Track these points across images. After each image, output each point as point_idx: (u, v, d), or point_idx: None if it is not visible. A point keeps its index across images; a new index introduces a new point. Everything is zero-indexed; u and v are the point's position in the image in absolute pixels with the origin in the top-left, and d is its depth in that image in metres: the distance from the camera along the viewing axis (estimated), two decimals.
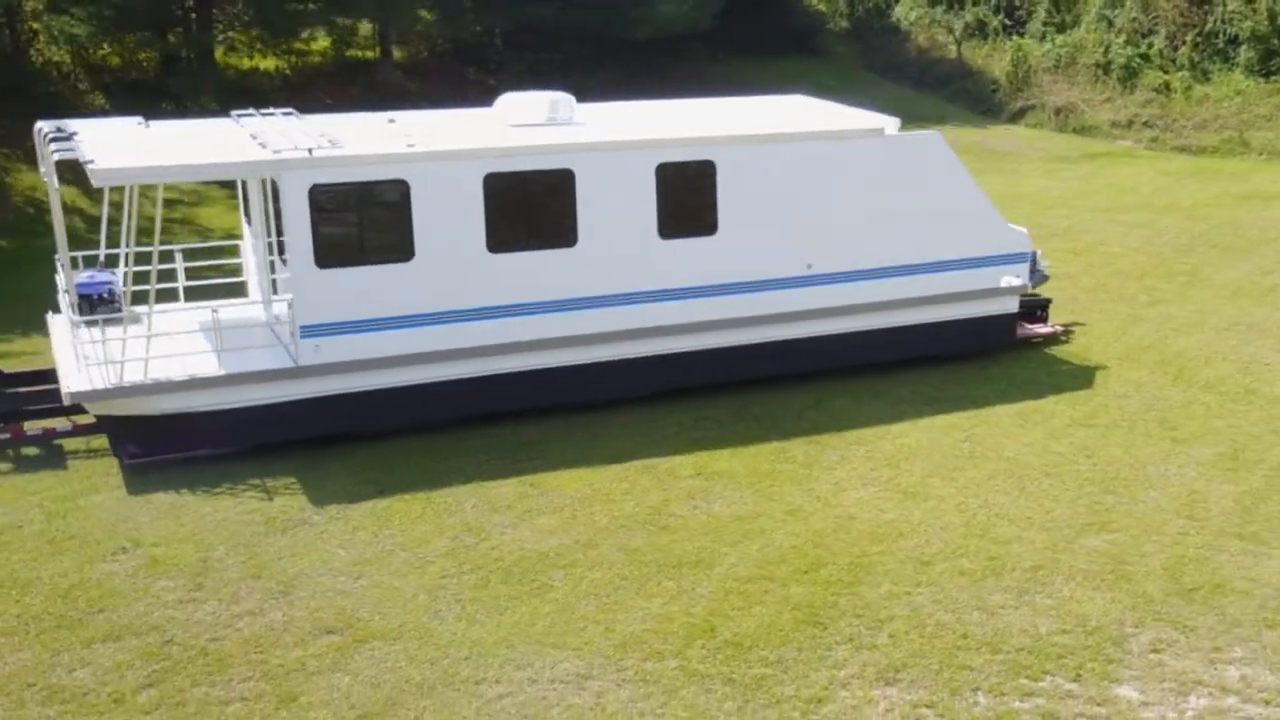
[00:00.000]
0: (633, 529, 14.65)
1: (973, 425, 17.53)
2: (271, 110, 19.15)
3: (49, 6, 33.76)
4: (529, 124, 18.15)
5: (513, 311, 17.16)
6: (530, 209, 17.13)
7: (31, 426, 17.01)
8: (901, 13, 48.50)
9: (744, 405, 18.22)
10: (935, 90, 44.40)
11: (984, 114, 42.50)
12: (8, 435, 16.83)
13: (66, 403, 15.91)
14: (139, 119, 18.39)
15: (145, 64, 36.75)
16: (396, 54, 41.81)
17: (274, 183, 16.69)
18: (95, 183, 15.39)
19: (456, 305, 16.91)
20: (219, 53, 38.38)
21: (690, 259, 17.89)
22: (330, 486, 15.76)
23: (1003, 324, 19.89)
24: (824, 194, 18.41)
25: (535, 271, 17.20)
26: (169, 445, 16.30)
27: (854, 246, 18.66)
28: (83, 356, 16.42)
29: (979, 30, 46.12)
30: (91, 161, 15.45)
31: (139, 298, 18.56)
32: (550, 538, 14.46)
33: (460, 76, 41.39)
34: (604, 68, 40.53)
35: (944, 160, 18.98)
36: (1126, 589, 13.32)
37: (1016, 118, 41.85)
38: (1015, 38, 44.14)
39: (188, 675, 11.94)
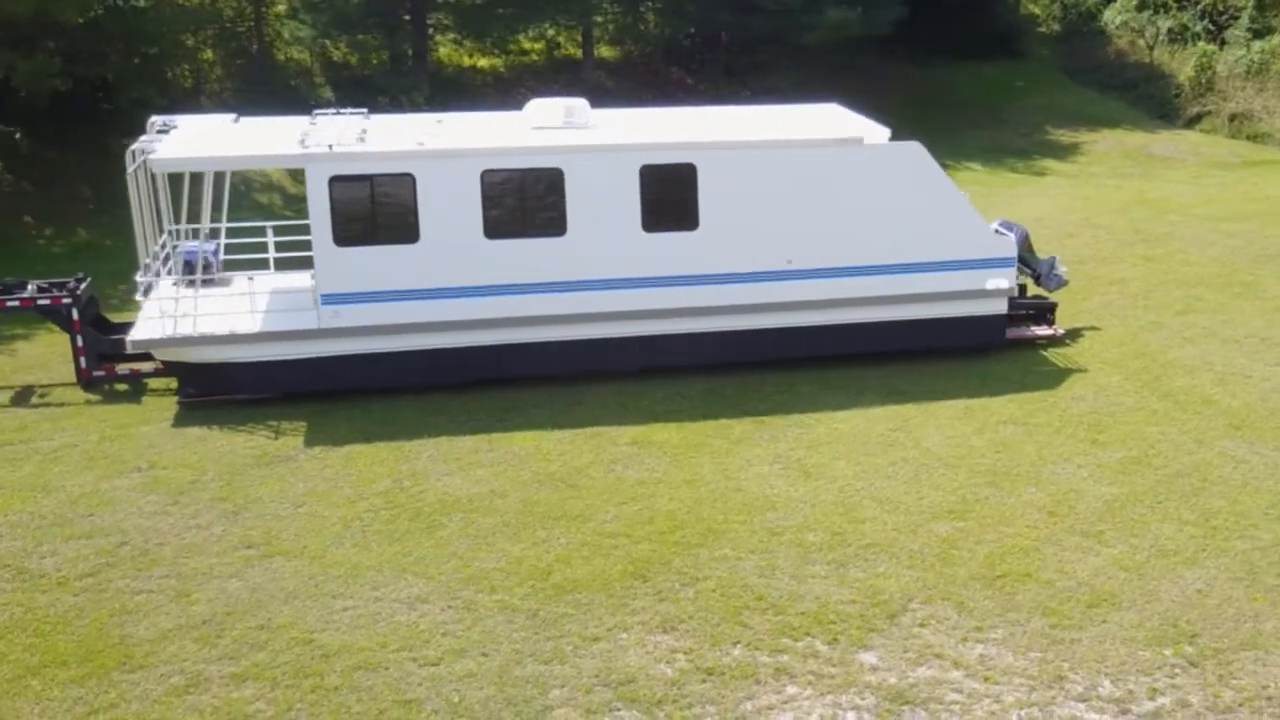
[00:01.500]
0: (544, 485, 16.15)
1: (913, 416, 18.18)
2: (344, 110, 21.34)
3: (287, 12, 37.27)
4: (547, 126, 19.74)
5: (506, 290, 18.85)
6: (524, 201, 18.78)
7: (122, 367, 19.75)
8: (1110, 16, 47.32)
9: (720, 386, 19.34)
10: (1121, 93, 43.32)
11: (1161, 118, 41.31)
12: (103, 373, 19.62)
13: (128, 350, 18.60)
14: (233, 116, 20.90)
15: (375, 62, 39.78)
16: (607, 53, 43.75)
17: None
18: (152, 170, 17.95)
19: (456, 283, 18.73)
20: (444, 51, 41.19)
21: (672, 251, 19.15)
22: (327, 431, 17.84)
23: (990, 324, 20.30)
24: (802, 196, 19.32)
25: (528, 256, 18.83)
26: (216, 388, 18.75)
27: (834, 245, 19.49)
28: (154, 312, 19.03)
29: (1180, 35, 44.62)
30: (152, 152, 17.98)
31: (233, 265, 21.22)
32: (474, 487, 16.12)
33: (663, 76, 42.99)
34: (797, 69, 41.39)
35: (924, 168, 19.55)
36: (937, 570, 14.04)
37: (1192, 123, 40.54)
38: (1200, 43, 42.57)
39: (121, 569, 14.22)
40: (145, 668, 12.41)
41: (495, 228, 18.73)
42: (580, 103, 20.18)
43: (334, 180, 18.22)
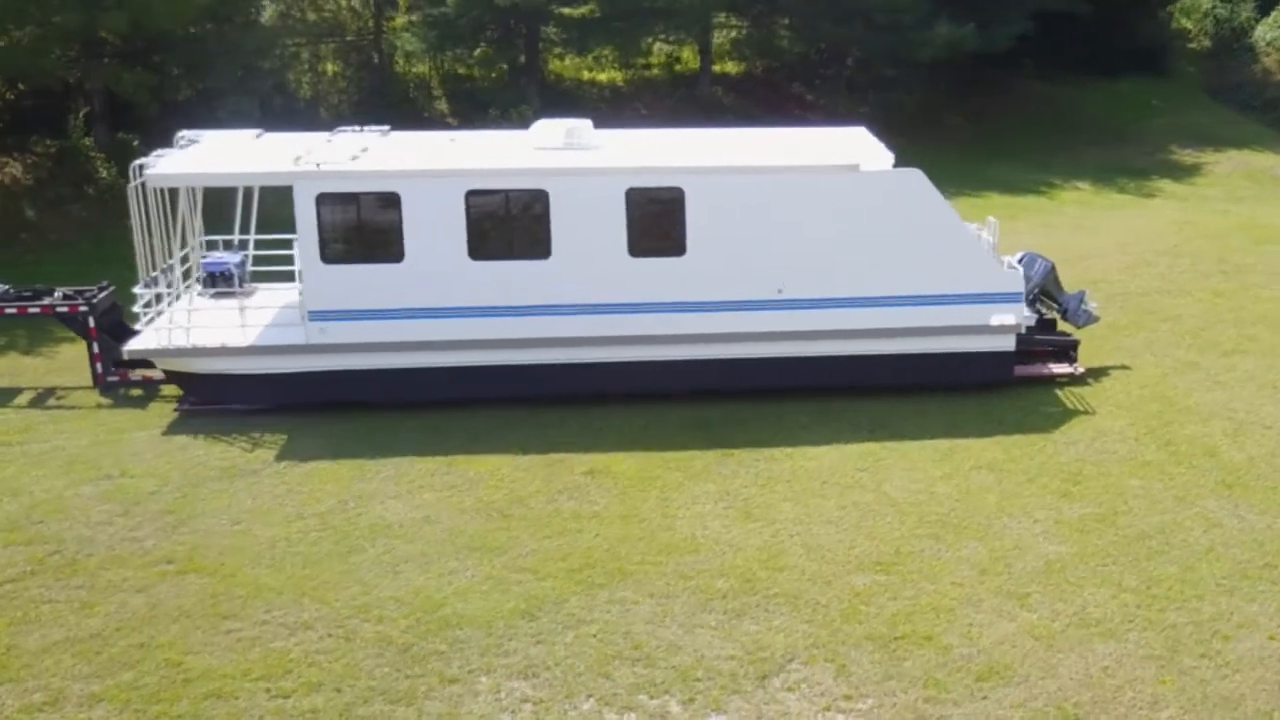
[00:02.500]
0: (480, 513, 15.66)
1: (887, 455, 17.08)
2: (363, 128, 21.21)
3: (403, 25, 37.61)
4: (548, 148, 19.23)
5: (490, 312, 18.42)
6: (509, 223, 18.32)
7: (136, 374, 20.02)
8: (1260, 33, 44.29)
9: (705, 414, 18.51)
10: (1260, 114, 40.47)
11: None
12: (117, 378, 19.94)
13: (124, 358, 18.83)
14: (258, 131, 20.98)
15: (495, 75, 39.78)
16: (731, 68, 42.90)
17: None
18: (148, 185, 18.12)
19: (440, 303, 18.39)
20: (563, 64, 41.02)
21: (659, 277, 18.43)
22: (301, 445, 17.69)
23: (995, 361, 18.97)
24: (794, 224, 18.37)
25: (512, 279, 18.37)
26: (211, 398, 18.83)
27: (827, 275, 18.49)
28: (158, 322, 19.22)
29: None
30: (149, 167, 18.15)
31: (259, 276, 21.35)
32: (411, 512, 15.73)
33: (782, 92, 41.91)
34: (919, 85, 39.85)
35: (924, 197, 18.37)
36: (835, 626, 13.08)
37: None
38: None
39: (42, 578, 14.30)
40: (14, 681, 12.40)
41: (479, 249, 18.32)
42: (583, 124, 19.60)
43: (321, 198, 18.09)
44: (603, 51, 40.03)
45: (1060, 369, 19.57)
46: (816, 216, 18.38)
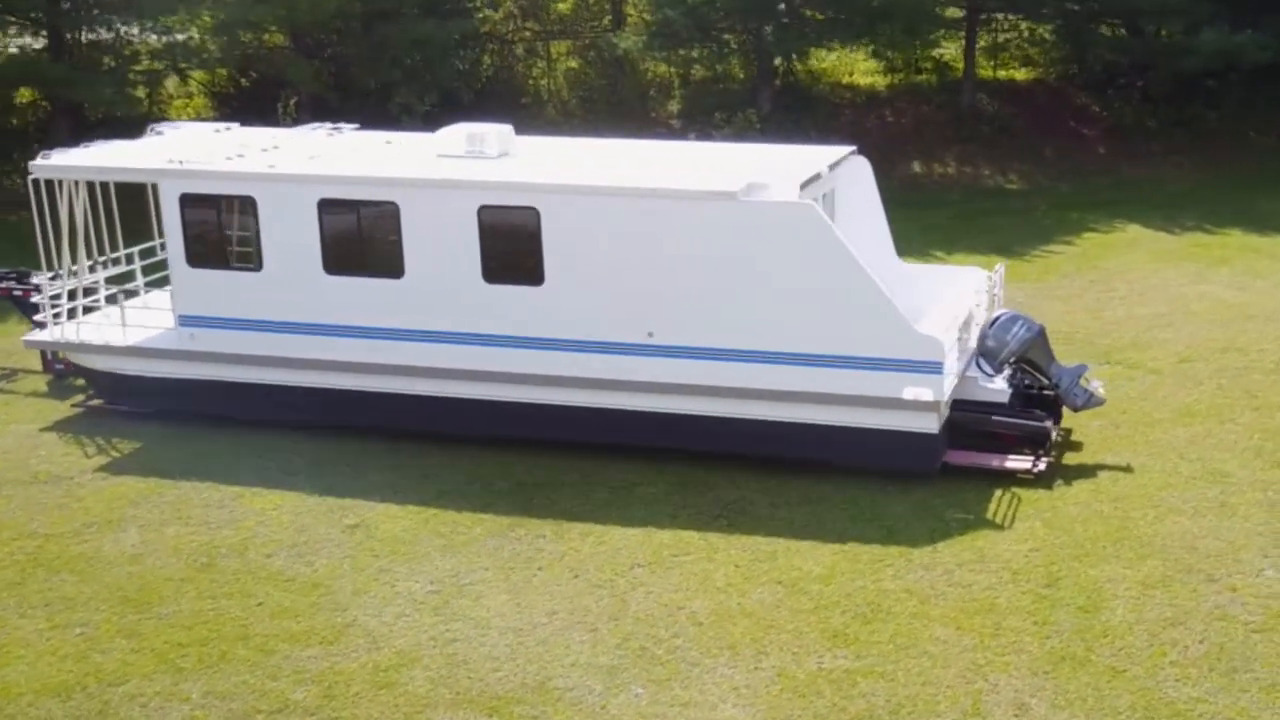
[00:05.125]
0: (183, 559, 13.70)
1: (693, 551, 13.47)
2: (338, 126, 19.55)
3: (635, 24, 35.56)
4: (450, 155, 16.80)
5: (344, 332, 16.35)
6: (364, 237, 16.16)
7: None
8: None
9: (535, 470, 15.49)
10: None
11: None
12: (62, 366, 19.15)
13: (24, 347, 18.25)
14: (224, 126, 19.82)
15: (742, 76, 36.95)
16: (1018, 74, 37.75)
17: None
18: (31, 176, 17.40)
19: (295, 318, 16.52)
20: (822, 65, 37.64)
21: (515, 308, 15.64)
22: (140, 458, 16.33)
23: (911, 445, 14.66)
24: (665, 257, 14.99)
25: (365, 298, 16.20)
26: (106, 397, 17.93)
27: (703, 320, 14.98)
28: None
29: None
30: (40, 161, 17.43)
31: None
32: (134, 549, 13.92)
33: (1065, 101, 36.37)
34: (1226, 96, 33.44)
35: (817, 236, 14.41)
36: None
37: None
38: None
39: None
40: None
41: (334, 263, 16.26)
42: (497, 129, 16.94)
43: (184, 198, 16.66)
44: (852, 51, 36.27)
45: (1017, 464, 14.89)
46: (691, 250, 14.91)
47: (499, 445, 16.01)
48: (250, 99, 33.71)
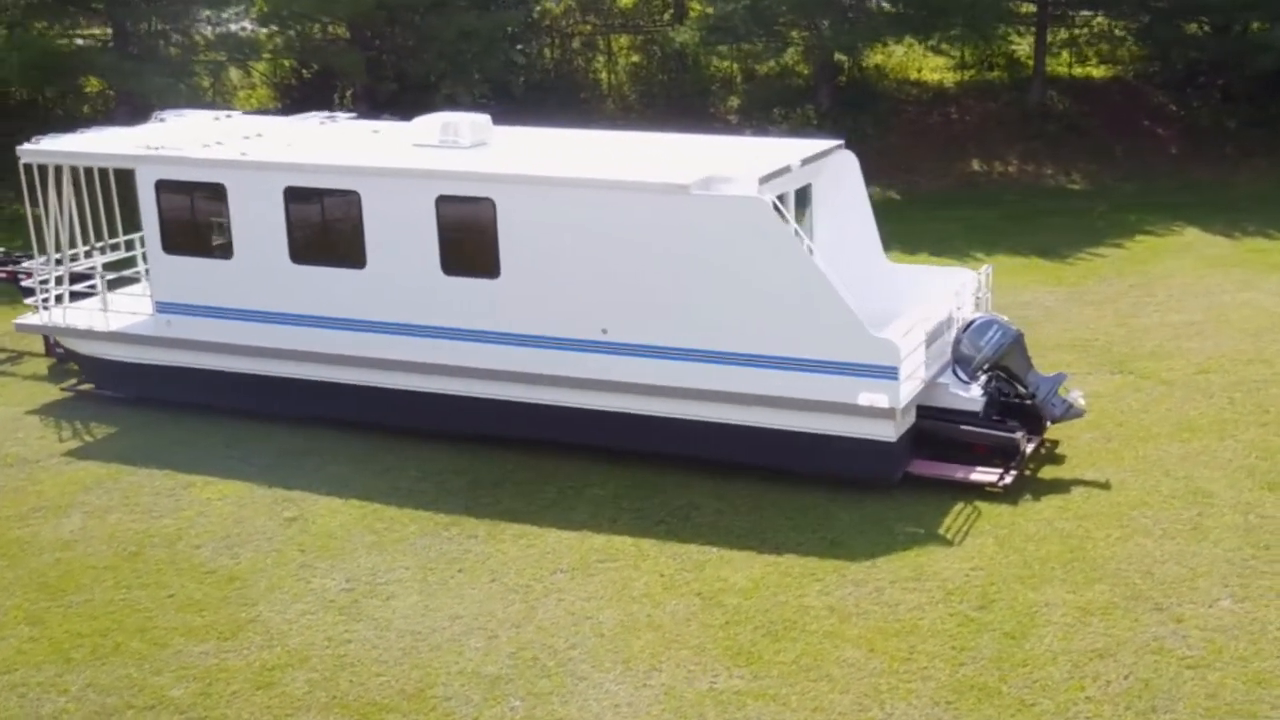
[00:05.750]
0: (115, 547, 13.51)
1: (622, 557, 12.87)
2: (333, 115, 19.34)
3: (697, 18, 34.89)
4: (424, 145, 16.41)
5: (309, 321, 16.08)
6: (326, 226, 15.86)
7: None
8: None
9: (491, 466, 15.00)
10: None
11: None
12: (62, 350, 19.29)
13: (15, 329, 18.33)
14: (225, 114, 19.70)
15: (805, 71, 36.07)
16: (1096, 72, 36.20)
17: None
18: (20, 161, 17.43)
19: (263, 307, 16.30)
20: (890, 60, 36.56)
21: (472, 301, 15.18)
22: (108, 444, 16.25)
23: (868, 452, 13.84)
24: (618, 252, 14.40)
25: (328, 288, 15.90)
26: (93, 382, 17.94)
27: (656, 318, 14.35)
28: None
29: None
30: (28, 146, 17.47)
31: None
32: (72, 535, 13.80)
33: (1141, 100, 34.78)
34: None
35: (770, 232, 13.67)
36: None
37: None
38: None
39: None
40: None
41: (300, 252, 15.99)
42: (472, 119, 16.50)
43: (159, 185, 16.54)
44: (916, 46, 35.15)
45: (982, 476, 13.98)
46: (644, 245, 14.29)
47: (463, 441, 15.58)
48: (311, 90, 33.81)
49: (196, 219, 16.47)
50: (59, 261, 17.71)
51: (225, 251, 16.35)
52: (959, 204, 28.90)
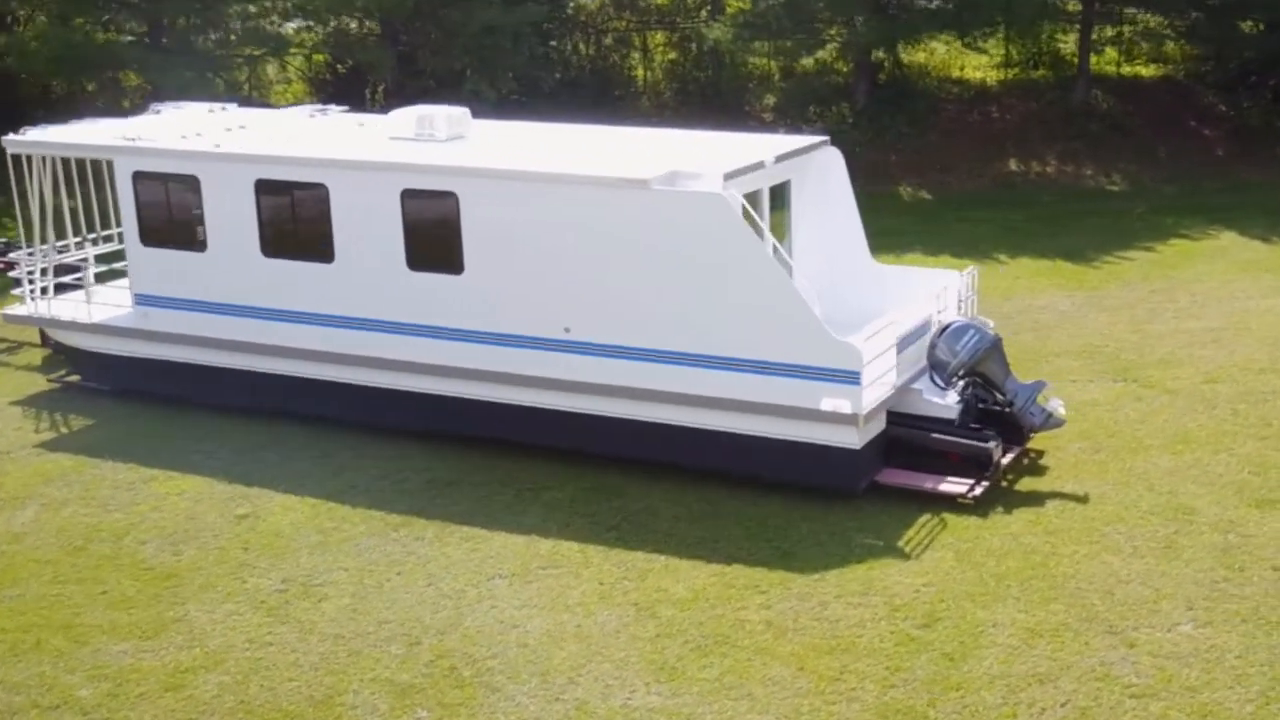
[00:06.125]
0: (60, 540, 13.31)
1: (565, 562, 12.44)
2: (324, 108, 19.11)
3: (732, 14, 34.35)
4: (401, 138, 16.07)
5: (275, 316, 15.81)
6: (296, 220, 15.58)
7: None
8: None
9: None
10: None
11: None
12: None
13: (3, 319, 18.28)
14: (220, 106, 19.49)
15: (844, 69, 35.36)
16: (1145, 71, 35.08)
17: None
18: (5, 149, 17.40)
19: (236, 300, 16.07)
20: (932, 57, 35.75)
21: (436, 297, 14.81)
22: (80, 436, 16.12)
23: (831, 460, 13.25)
24: (580, 248, 13.95)
25: (297, 282, 15.62)
26: (79, 374, 17.83)
27: (619, 316, 13.88)
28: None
29: None
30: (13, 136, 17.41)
31: None
32: (9, 527, 13.69)
33: (1192, 100, 33.60)
34: None
35: (729, 230, 13.13)
36: None
37: None
38: None
39: None
40: None
41: (271, 245, 15.73)
42: (448, 112, 16.12)
43: (136, 176, 16.38)
44: (959, 44, 34.29)
45: (951, 487, 13.32)
46: (605, 242, 13.83)
47: (429, 440, 15.22)
48: (345, 85, 33.75)
49: (172, 211, 16.28)
50: (44, 253, 17.60)
51: (198, 244, 16.13)
52: (992, 205, 28.05)
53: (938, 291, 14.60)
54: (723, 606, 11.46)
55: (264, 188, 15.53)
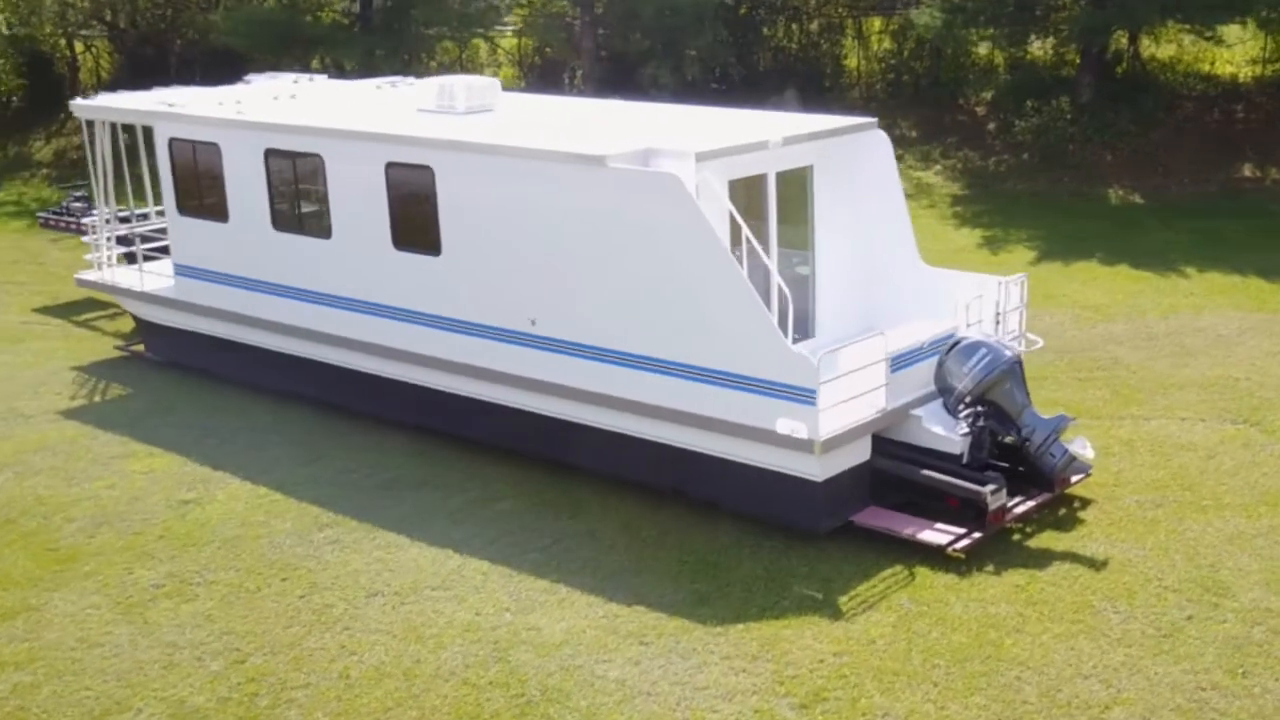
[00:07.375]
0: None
1: (472, 577, 10.89)
2: (392, 80, 18.10)
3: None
4: (426, 110, 14.82)
5: (280, 292, 14.92)
6: (299, 192, 14.60)
7: None
8: None
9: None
10: None
11: None
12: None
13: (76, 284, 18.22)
14: (309, 77, 18.76)
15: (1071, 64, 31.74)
16: None
17: None
18: (73, 114, 17.30)
19: (249, 274, 15.30)
20: (1187, 50, 31.69)
21: (417, 279, 13.48)
22: (100, 407, 15.72)
23: (790, 492, 11.05)
24: (542, 232, 12.28)
25: (300, 258, 14.66)
26: (145, 342, 17.53)
27: (580, 309, 12.14)
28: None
29: None
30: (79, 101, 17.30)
31: None
32: (46, 503, 13.16)
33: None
34: None
35: (680, 215, 11.11)
36: None
37: None
38: None
39: None
40: None
41: (280, 219, 14.83)
42: (468, 82, 14.73)
43: (172, 143, 15.83)
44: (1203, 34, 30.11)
45: (932, 537, 10.86)
46: (565, 225, 12.10)
47: (427, 436, 13.90)
48: (548, 69, 33.04)
49: (201, 180, 15.60)
50: (107, 219, 17.34)
51: (223, 214, 15.40)
52: (1208, 214, 24.30)
53: (967, 301, 12.07)
54: (586, 657, 9.60)
55: (274, 156, 14.60)
